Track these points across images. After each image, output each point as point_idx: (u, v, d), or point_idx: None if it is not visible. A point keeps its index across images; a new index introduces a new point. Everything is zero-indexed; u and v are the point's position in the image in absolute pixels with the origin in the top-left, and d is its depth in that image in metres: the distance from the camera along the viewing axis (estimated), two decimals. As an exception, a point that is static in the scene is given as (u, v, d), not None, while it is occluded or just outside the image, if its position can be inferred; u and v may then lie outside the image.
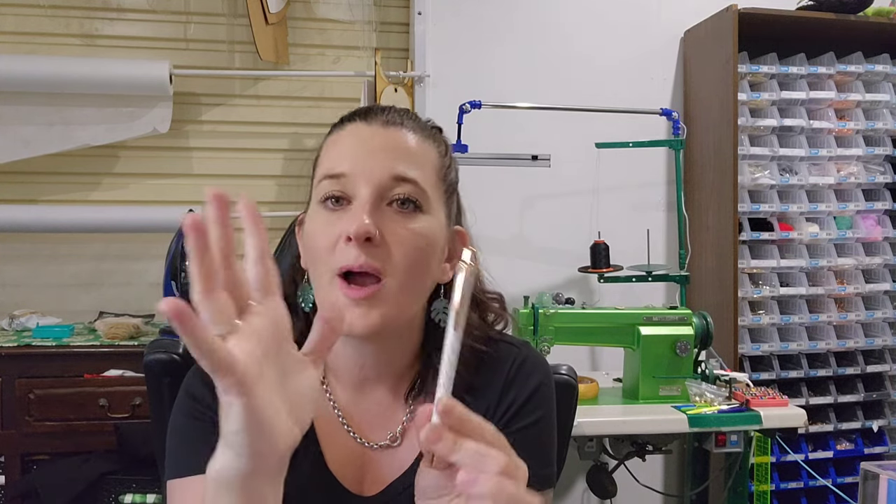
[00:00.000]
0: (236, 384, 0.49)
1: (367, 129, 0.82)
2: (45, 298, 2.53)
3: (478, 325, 0.89)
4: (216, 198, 0.55)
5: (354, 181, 0.78)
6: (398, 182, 0.78)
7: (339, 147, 0.82)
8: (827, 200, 2.61)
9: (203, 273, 0.51)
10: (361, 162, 0.79)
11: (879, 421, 2.65)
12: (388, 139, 0.81)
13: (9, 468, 2.07)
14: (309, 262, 0.83)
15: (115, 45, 2.59)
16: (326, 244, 0.77)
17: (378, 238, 0.75)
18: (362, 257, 0.74)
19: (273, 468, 0.55)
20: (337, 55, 2.73)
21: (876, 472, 1.05)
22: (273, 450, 0.53)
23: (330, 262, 0.77)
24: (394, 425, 0.85)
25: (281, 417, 0.53)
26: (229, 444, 0.52)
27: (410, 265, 0.78)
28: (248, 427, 0.51)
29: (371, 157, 0.79)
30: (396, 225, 0.78)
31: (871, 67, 2.62)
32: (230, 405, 0.51)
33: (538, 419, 0.85)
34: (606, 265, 2.41)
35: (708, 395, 1.98)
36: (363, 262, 0.74)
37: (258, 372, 0.51)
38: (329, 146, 0.84)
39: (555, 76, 2.69)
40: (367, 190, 0.77)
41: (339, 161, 0.80)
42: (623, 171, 2.68)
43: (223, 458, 0.53)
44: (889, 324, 2.67)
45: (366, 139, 0.81)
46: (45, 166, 2.50)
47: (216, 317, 0.51)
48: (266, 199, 2.67)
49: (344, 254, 0.76)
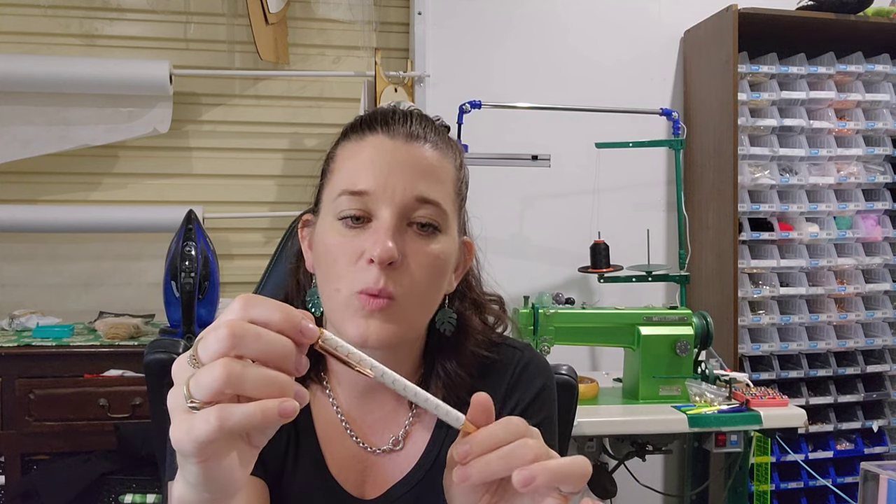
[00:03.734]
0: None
1: (391, 143, 0.79)
2: (45, 298, 2.53)
3: (480, 329, 0.89)
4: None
5: (376, 200, 0.76)
6: (421, 204, 0.77)
7: (359, 160, 0.79)
8: (827, 200, 2.61)
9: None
10: (384, 180, 0.76)
11: (879, 421, 2.65)
12: (411, 156, 0.79)
13: (9, 468, 2.07)
14: (321, 273, 0.81)
15: (115, 45, 2.59)
16: (345, 261, 0.76)
17: (399, 263, 0.75)
18: (382, 280, 0.74)
19: (232, 496, 0.54)
20: (337, 55, 2.73)
21: (876, 472, 1.05)
22: (230, 492, 0.53)
23: (348, 280, 0.76)
24: (396, 429, 0.85)
25: (235, 468, 0.52)
26: (187, 482, 0.52)
27: (428, 286, 0.78)
28: (206, 483, 0.51)
29: (394, 175, 0.77)
30: (417, 247, 0.77)
31: (871, 67, 2.62)
32: (186, 463, 0.50)
33: (541, 421, 0.85)
34: (606, 265, 2.41)
35: (708, 395, 1.98)
36: (382, 287, 0.74)
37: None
38: (347, 156, 0.81)
39: (555, 76, 2.69)
40: (390, 211, 0.75)
41: (360, 177, 0.77)
42: (623, 171, 2.68)
43: (182, 489, 0.54)
44: (889, 324, 2.67)
45: (388, 155, 0.78)
46: (45, 166, 2.50)
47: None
48: (266, 200, 2.67)
49: (363, 274, 0.75)
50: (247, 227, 2.66)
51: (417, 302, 0.78)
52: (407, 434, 0.85)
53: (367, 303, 0.74)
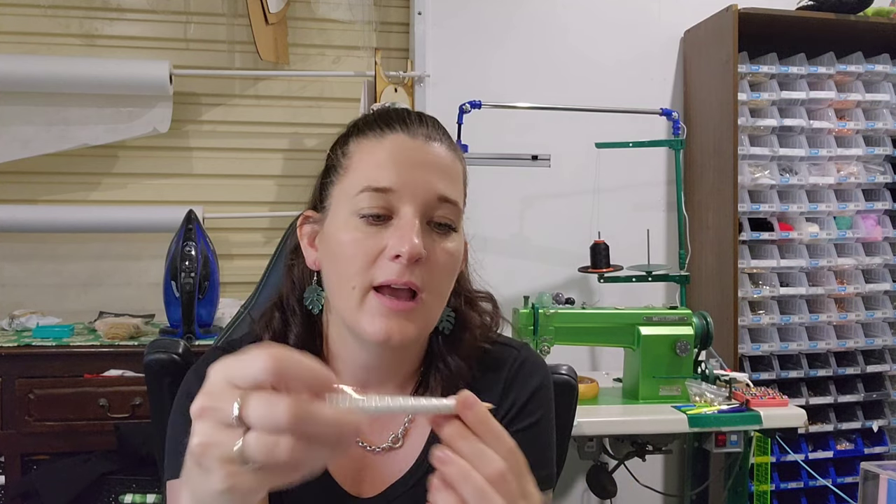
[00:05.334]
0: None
1: (411, 142, 0.80)
2: (45, 298, 2.53)
3: (478, 323, 0.90)
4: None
5: (399, 197, 0.77)
6: (442, 203, 0.78)
7: (381, 157, 0.79)
8: (827, 200, 2.61)
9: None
10: (407, 177, 0.77)
11: (879, 421, 2.65)
12: (431, 155, 0.80)
13: (9, 468, 2.07)
14: (331, 271, 0.81)
15: (115, 45, 2.59)
16: (363, 258, 0.76)
17: (424, 259, 0.76)
18: (406, 275, 0.75)
19: None
20: (337, 55, 2.73)
21: (876, 472, 1.05)
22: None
23: (366, 276, 0.76)
24: (395, 427, 0.85)
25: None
26: (199, 500, 0.50)
27: (447, 285, 0.80)
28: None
29: (416, 173, 0.78)
30: (436, 245, 0.78)
31: (871, 67, 2.62)
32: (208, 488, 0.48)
33: (538, 420, 0.85)
34: (606, 265, 2.41)
35: (708, 395, 1.98)
36: (407, 280, 0.75)
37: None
38: (366, 152, 0.81)
39: (555, 76, 2.69)
40: (413, 208, 0.76)
41: (384, 174, 0.77)
42: (623, 171, 2.68)
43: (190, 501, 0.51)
44: (889, 324, 2.67)
45: (411, 153, 0.79)
46: (44, 166, 2.50)
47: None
48: (266, 200, 2.67)
49: (385, 269, 0.75)
50: (247, 227, 2.66)
51: (437, 301, 0.80)
52: (406, 432, 0.85)
53: (391, 304, 0.75)
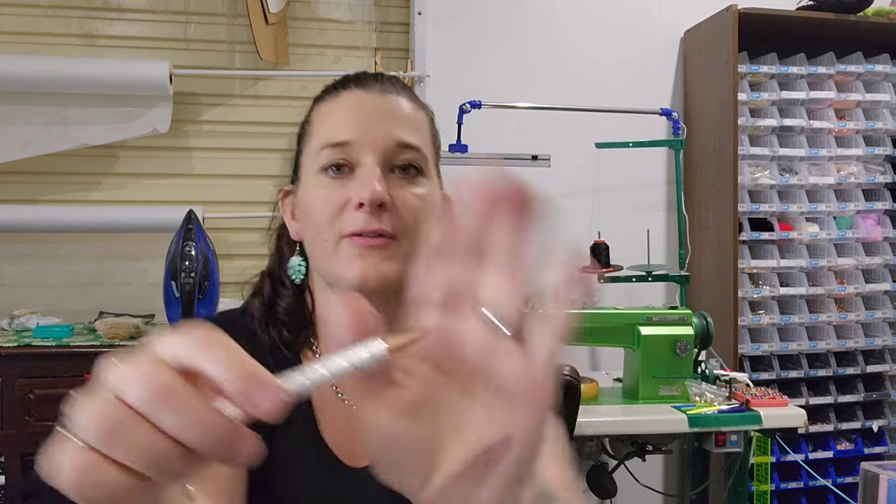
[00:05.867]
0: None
1: (366, 95, 0.82)
2: (45, 298, 2.53)
3: None
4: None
5: (358, 149, 0.78)
6: (402, 149, 0.79)
7: (337, 115, 0.81)
8: (827, 200, 2.61)
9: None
10: (364, 129, 0.78)
11: (879, 421, 2.65)
12: (388, 105, 0.81)
13: (9, 468, 2.07)
14: (307, 232, 0.82)
15: (115, 45, 2.59)
16: (330, 211, 0.77)
17: (389, 204, 0.76)
18: (374, 223, 0.75)
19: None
20: (337, 55, 2.73)
21: (876, 472, 1.05)
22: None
23: (335, 227, 0.77)
24: None
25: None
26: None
27: (419, 228, 0.79)
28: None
29: (374, 124, 0.79)
30: (403, 191, 0.78)
31: (871, 67, 2.62)
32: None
33: None
34: (606, 265, 2.41)
35: (708, 395, 1.98)
36: (376, 228, 0.75)
37: None
38: (323, 115, 0.83)
39: (555, 76, 2.69)
40: (373, 157, 0.77)
41: (340, 129, 0.79)
42: (623, 171, 2.68)
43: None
44: (889, 324, 2.67)
45: (366, 106, 0.81)
46: (44, 166, 2.50)
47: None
48: (266, 200, 2.67)
49: (353, 219, 0.76)
50: (247, 227, 2.66)
51: (413, 243, 0.78)
52: None
53: (361, 243, 0.75)
